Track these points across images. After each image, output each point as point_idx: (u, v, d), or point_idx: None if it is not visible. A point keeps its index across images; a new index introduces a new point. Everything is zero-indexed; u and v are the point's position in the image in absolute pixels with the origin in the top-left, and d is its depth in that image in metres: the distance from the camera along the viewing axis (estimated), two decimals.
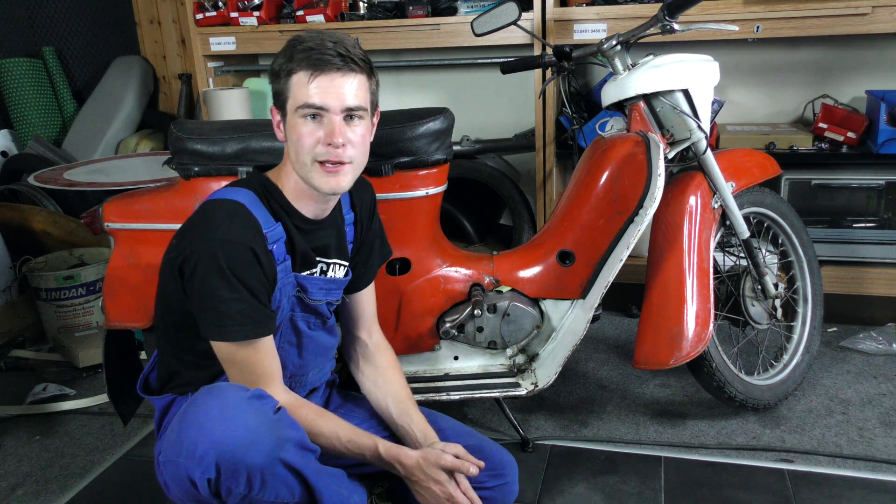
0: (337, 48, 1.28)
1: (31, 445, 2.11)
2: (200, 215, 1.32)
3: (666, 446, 1.96)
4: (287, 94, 1.31)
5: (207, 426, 1.15)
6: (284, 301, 1.38)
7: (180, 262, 1.28)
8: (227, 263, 1.24)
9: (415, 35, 2.69)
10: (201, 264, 1.25)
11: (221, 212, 1.29)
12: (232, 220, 1.28)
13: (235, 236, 1.26)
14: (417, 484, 1.36)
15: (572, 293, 1.90)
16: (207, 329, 1.29)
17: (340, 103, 1.29)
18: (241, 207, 1.30)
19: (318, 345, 1.50)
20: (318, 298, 1.45)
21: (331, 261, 1.47)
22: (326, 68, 1.27)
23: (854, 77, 2.66)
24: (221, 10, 2.84)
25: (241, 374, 1.31)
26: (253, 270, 1.28)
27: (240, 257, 1.26)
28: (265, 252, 1.31)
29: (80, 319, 2.67)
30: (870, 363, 2.37)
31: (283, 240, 1.35)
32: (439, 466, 1.34)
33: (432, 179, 1.81)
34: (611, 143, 1.87)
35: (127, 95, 3.62)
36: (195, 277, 1.26)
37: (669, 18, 1.75)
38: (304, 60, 1.28)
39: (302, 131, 1.29)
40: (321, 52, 1.27)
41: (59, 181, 2.77)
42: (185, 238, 1.30)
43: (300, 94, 1.29)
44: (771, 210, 2.11)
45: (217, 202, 1.32)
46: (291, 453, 1.20)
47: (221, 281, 1.25)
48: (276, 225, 1.34)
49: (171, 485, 1.22)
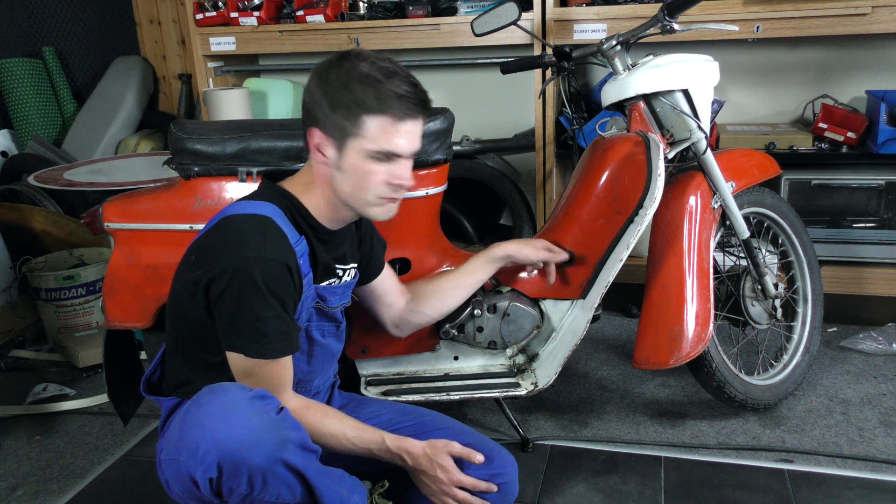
0: (419, 94, 1.28)
1: (31, 445, 2.11)
2: (227, 232, 1.29)
3: (666, 446, 1.96)
4: (357, 132, 1.28)
5: (209, 426, 1.15)
6: (304, 313, 1.39)
7: (207, 281, 1.26)
8: (265, 281, 1.23)
9: (415, 35, 2.69)
10: (235, 282, 1.23)
11: (253, 228, 1.27)
12: (265, 237, 1.26)
13: (271, 253, 1.25)
14: (423, 473, 1.36)
15: (572, 293, 1.90)
16: (243, 346, 1.27)
17: (413, 148, 1.31)
18: (270, 222, 1.29)
19: (326, 352, 1.50)
20: (334, 305, 1.46)
21: (347, 266, 1.48)
22: (414, 116, 1.29)
23: (854, 77, 2.66)
24: (221, 10, 2.84)
25: (255, 384, 1.30)
26: (288, 287, 1.27)
27: (277, 274, 1.25)
28: (296, 267, 1.30)
29: (80, 319, 2.67)
30: (870, 363, 2.37)
31: (307, 253, 1.35)
32: (447, 452, 1.35)
33: (432, 179, 1.81)
34: (611, 143, 1.87)
35: (127, 95, 3.62)
36: (228, 295, 1.24)
37: (669, 18, 1.75)
38: (396, 108, 1.26)
39: (373, 172, 1.30)
40: (410, 101, 1.27)
41: (59, 181, 2.77)
42: (211, 257, 1.27)
43: (381, 141, 1.27)
44: (771, 210, 2.11)
45: (244, 218, 1.29)
46: (293, 454, 1.20)
47: (259, 299, 1.23)
48: (301, 239, 1.34)
49: (173, 483, 1.22)
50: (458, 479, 1.36)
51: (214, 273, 1.25)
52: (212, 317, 1.29)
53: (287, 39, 2.81)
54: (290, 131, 1.70)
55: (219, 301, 1.25)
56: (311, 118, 1.32)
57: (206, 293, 1.27)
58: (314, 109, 1.30)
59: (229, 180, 1.72)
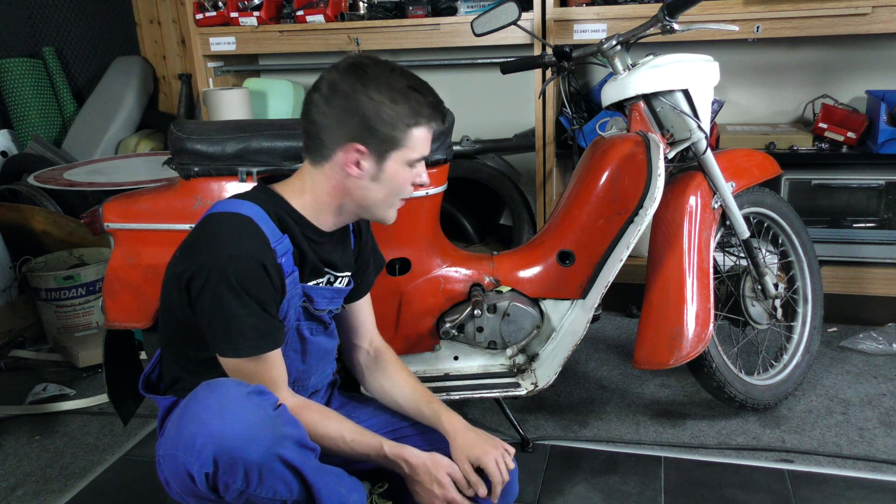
0: (437, 100, 1.34)
1: (31, 445, 2.11)
2: (206, 229, 1.30)
3: (666, 446, 1.96)
4: (402, 144, 1.31)
5: (206, 420, 1.15)
6: (291, 312, 1.38)
7: (187, 277, 1.27)
8: (238, 279, 1.23)
9: (415, 35, 2.69)
10: (211, 281, 1.24)
11: (229, 226, 1.28)
12: (240, 235, 1.27)
13: (245, 251, 1.25)
14: (419, 484, 1.36)
15: (572, 293, 1.90)
16: (219, 346, 1.28)
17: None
18: (248, 221, 1.29)
19: (319, 349, 1.50)
20: (322, 308, 1.45)
21: (338, 273, 1.47)
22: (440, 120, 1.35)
23: (854, 77, 2.66)
24: (221, 10, 2.84)
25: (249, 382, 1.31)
26: (263, 285, 1.27)
27: (250, 272, 1.25)
28: (274, 265, 1.30)
29: (80, 319, 2.67)
30: (870, 363, 2.37)
31: (290, 252, 1.34)
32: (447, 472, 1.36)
33: (432, 179, 1.80)
34: (611, 143, 1.87)
35: (127, 95, 3.62)
36: (204, 294, 1.25)
37: (669, 18, 1.75)
38: (430, 116, 1.33)
39: (406, 177, 1.35)
40: (440, 109, 1.34)
41: (59, 181, 2.77)
42: (191, 253, 1.29)
43: (420, 148, 1.34)
44: (771, 210, 2.11)
45: (223, 216, 1.30)
46: (290, 450, 1.20)
47: (233, 297, 1.24)
48: (284, 237, 1.33)
49: (171, 480, 1.22)
50: (452, 496, 1.36)
51: (193, 269, 1.26)
52: (195, 313, 1.30)
53: (287, 39, 2.81)
54: (290, 131, 1.70)
55: (198, 299, 1.26)
56: (343, 134, 1.29)
57: (188, 289, 1.28)
58: (349, 124, 1.28)
59: (229, 180, 1.72)
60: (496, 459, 1.38)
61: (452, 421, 1.44)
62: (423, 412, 1.49)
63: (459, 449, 1.39)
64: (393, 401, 1.55)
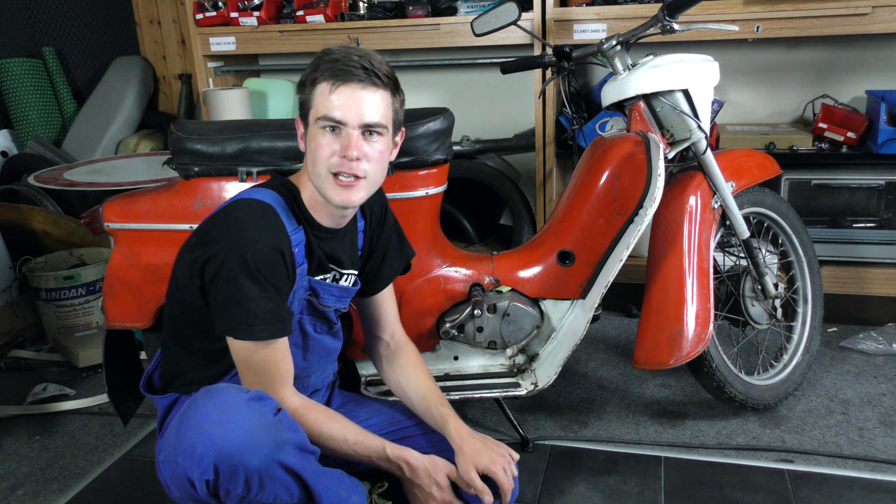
0: (362, 61, 1.28)
1: (31, 445, 2.11)
2: (227, 215, 1.31)
3: (666, 446, 1.96)
4: (310, 105, 1.31)
5: (206, 428, 1.15)
6: (296, 303, 1.39)
7: (203, 261, 1.27)
8: (256, 263, 1.25)
9: (415, 35, 2.69)
10: (228, 264, 1.24)
11: (250, 212, 1.29)
12: (261, 221, 1.29)
13: (264, 237, 1.27)
14: (418, 487, 1.37)
15: (572, 293, 1.90)
16: (234, 328, 1.28)
17: (359, 118, 1.28)
18: (269, 208, 1.31)
19: (322, 348, 1.50)
20: (328, 304, 1.46)
21: (344, 270, 1.48)
22: (348, 80, 1.27)
23: (854, 77, 2.66)
24: (221, 10, 2.84)
25: (256, 375, 1.31)
26: (280, 271, 1.29)
27: (269, 257, 1.27)
28: (290, 254, 1.32)
29: (80, 319, 2.67)
30: (870, 363, 2.37)
31: (303, 244, 1.37)
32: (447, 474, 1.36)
33: (432, 179, 1.81)
34: (611, 143, 1.87)
35: (127, 95, 3.62)
36: (220, 277, 1.25)
37: (669, 18, 1.75)
38: (328, 71, 1.28)
39: (320, 142, 1.30)
40: (345, 64, 1.27)
41: (59, 181, 2.77)
42: (209, 237, 1.29)
43: (321, 106, 1.29)
44: (771, 210, 2.11)
45: (245, 202, 1.32)
46: (290, 455, 1.20)
47: (251, 281, 1.25)
48: (299, 229, 1.36)
49: (171, 484, 1.22)
50: (450, 499, 1.36)
51: (209, 254, 1.27)
52: (206, 299, 1.30)
53: (287, 39, 2.81)
54: (290, 131, 1.70)
55: (212, 283, 1.27)
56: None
57: (202, 274, 1.28)
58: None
59: (229, 180, 1.72)
60: (504, 468, 1.38)
61: (459, 429, 1.43)
62: (431, 414, 1.49)
63: (467, 457, 1.38)
64: (405, 395, 1.56)
